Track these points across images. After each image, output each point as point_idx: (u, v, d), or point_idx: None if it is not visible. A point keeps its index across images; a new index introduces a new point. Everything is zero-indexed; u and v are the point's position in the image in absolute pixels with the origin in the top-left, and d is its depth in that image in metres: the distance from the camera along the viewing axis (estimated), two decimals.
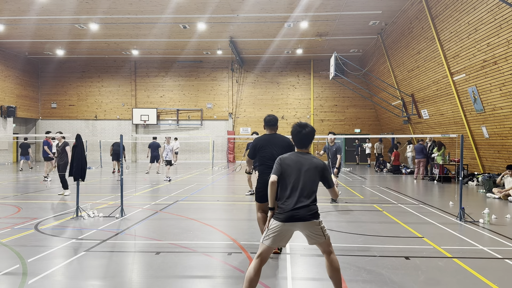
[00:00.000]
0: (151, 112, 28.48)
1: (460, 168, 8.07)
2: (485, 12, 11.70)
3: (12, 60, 26.42)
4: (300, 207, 3.59)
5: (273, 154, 5.23)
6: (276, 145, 5.36)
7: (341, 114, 28.79)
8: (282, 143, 5.37)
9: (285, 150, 5.11)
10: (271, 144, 5.39)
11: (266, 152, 5.38)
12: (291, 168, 3.73)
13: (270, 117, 5.53)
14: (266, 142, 5.43)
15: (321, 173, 3.76)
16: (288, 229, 3.64)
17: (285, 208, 3.63)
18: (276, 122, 5.54)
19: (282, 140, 5.42)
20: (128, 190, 12.04)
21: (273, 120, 5.53)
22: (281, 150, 5.15)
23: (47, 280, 4.44)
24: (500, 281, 4.45)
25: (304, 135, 3.87)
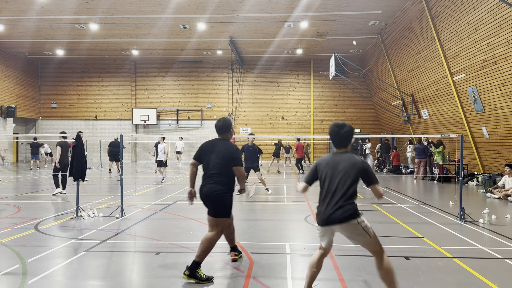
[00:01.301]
0: (151, 112, 28.48)
1: (460, 168, 8.07)
2: (485, 12, 11.70)
3: (12, 60, 26.42)
4: (335, 209, 3.55)
5: (208, 163, 4.67)
6: (216, 152, 4.68)
7: (341, 114, 28.79)
8: (224, 152, 4.65)
9: (225, 161, 4.60)
10: (212, 152, 4.72)
11: (206, 159, 4.73)
12: (326, 170, 3.71)
13: (220, 123, 4.87)
14: (209, 148, 4.78)
15: (361, 171, 3.64)
16: (327, 231, 3.69)
17: (321, 210, 3.67)
18: (226, 129, 4.86)
19: (225, 149, 4.68)
20: (128, 190, 12.04)
21: (222, 128, 4.85)
22: (220, 160, 4.61)
23: (47, 280, 4.44)
24: (500, 281, 4.45)
25: (343, 135, 3.78)
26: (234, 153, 4.71)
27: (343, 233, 3.63)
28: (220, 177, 4.60)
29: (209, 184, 4.60)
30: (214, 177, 4.60)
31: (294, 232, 6.97)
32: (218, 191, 4.55)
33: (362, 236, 3.58)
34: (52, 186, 12.99)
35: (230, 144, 4.83)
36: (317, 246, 5.86)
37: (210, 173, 4.64)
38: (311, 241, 6.25)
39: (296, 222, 7.71)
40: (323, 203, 3.66)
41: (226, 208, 4.65)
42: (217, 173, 4.60)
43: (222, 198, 4.58)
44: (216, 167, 4.62)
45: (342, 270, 4.78)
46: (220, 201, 4.58)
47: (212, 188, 4.56)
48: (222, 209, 4.61)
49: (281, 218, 8.15)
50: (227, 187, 4.61)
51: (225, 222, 4.69)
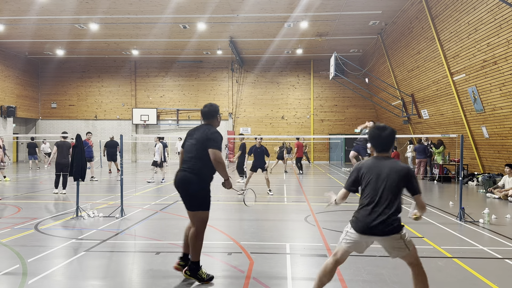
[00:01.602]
0: (151, 112, 28.48)
1: (460, 168, 8.07)
2: (485, 12, 11.69)
3: (12, 60, 26.43)
4: (380, 221, 3.27)
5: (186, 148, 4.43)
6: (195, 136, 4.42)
7: (341, 114, 28.79)
8: (201, 134, 4.35)
9: (200, 142, 4.29)
10: (191, 136, 4.48)
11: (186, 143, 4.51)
12: (369, 176, 3.43)
13: (205, 108, 4.58)
14: (191, 132, 4.56)
15: (405, 179, 3.34)
16: (364, 240, 3.43)
17: (361, 217, 3.41)
18: (212, 114, 4.55)
19: (201, 132, 4.38)
20: (128, 190, 12.04)
21: (207, 113, 4.55)
22: (195, 142, 4.33)
23: (47, 280, 4.44)
24: (500, 281, 4.45)
25: (384, 138, 3.50)
26: (212, 134, 4.29)
27: (382, 244, 3.42)
28: (195, 162, 4.27)
29: (182, 172, 4.31)
30: (189, 163, 4.30)
31: (294, 232, 6.98)
32: (192, 181, 4.23)
33: (402, 250, 3.35)
34: (52, 186, 12.97)
35: (211, 127, 4.44)
36: (317, 246, 5.87)
37: (186, 157, 4.37)
38: (311, 241, 6.25)
39: (296, 222, 7.71)
40: (365, 210, 3.40)
41: (201, 200, 4.30)
42: (192, 157, 4.29)
43: (195, 190, 4.25)
44: (192, 150, 4.33)
45: (342, 270, 4.78)
46: (192, 193, 4.26)
47: (185, 176, 4.27)
48: (196, 202, 4.29)
49: (281, 218, 8.15)
50: (202, 176, 4.27)
51: (203, 215, 4.33)
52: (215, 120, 4.58)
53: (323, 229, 6.98)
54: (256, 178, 13.44)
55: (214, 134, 4.31)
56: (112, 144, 17.83)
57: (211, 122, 4.54)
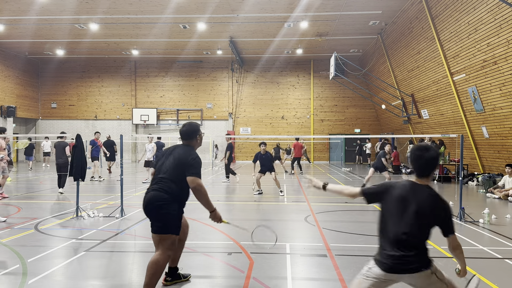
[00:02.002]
0: (151, 112, 28.48)
1: (460, 168, 8.07)
2: (485, 12, 11.70)
3: (12, 60, 26.43)
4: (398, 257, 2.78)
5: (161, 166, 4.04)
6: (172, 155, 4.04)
7: (341, 114, 28.79)
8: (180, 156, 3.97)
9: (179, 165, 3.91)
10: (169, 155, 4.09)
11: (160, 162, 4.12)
12: (398, 203, 2.90)
13: (184, 128, 4.20)
14: (167, 150, 4.18)
15: (440, 216, 2.84)
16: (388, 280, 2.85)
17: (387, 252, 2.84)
18: (191, 135, 4.16)
19: (182, 153, 3.99)
20: (128, 190, 12.04)
21: (185, 134, 4.17)
22: (171, 166, 3.93)
23: (47, 280, 4.44)
24: (500, 281, 4.45)
25: (426, 161, 2.89)
26: (193, 160, 3.91)
27: (412, 283, 2.90)
28: (169, 184, 3.86)
29: (153, 191, 3.89)
30: (162, 183, 3.89)
31: (294, 232, 6.98)
32: (162, 200, 3.81)
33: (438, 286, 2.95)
34: (51, 186, 13.01)
35: (192, 150, 4.06)
36: (317, 246, 5.88)
37: (158, 176, 3.96)
38: (311, 241, 6.25)
39: (296, 222, 7.71)
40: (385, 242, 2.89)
41: (171, 222, 3.85)
42: (167, 178, 3.89)
43: (165, 210, 3.80)
44: (168, 171, 3.92)
45: (342, 270, 4.78)
46: (162, 213, 3.81)
47: (155, 196, 3.85)
48: (165, 224, 3.82)
49: (281, 218, 8.15)
50: (174, 196, 3.87)
51: (170, 239, 3.86)
52: (195, 141, 4.18)
53: (323, 229, 6.98)
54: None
55: (196, 159, 3.94)
56: (109, 144, 17.76)
57: (190, 142, 4.16)
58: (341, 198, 10.90)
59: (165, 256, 3.83)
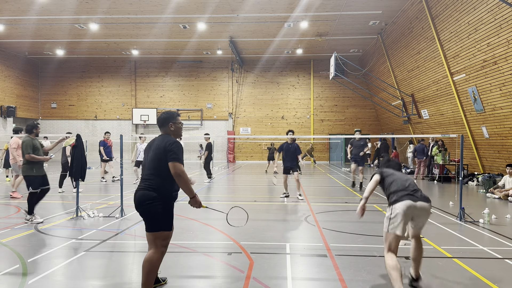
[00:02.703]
0: (151, 112, 28.49)
1: (460, 168, 8.07)
2: (485, 12, 11.70)
3: (12, 60, 26.43)
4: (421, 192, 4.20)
5: (144, 165, 4.01)
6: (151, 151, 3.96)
7: (341, 114, 28.79)
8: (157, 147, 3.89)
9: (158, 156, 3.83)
10: (149, 150, 4.02)
11: (143, 161, 4.08)
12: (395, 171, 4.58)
13: (159, 115, 4.19)
14: (148, 146, 4.09)
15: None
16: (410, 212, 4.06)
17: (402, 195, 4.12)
18: (162, 122, 4.11)
19: (157, 144, 3.91)
20: (128, 190, 12.04)
21: (158, 121, 4.15)
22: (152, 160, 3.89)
23: (47, 280, 4.44)
24: (500, 281, 4.45)
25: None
26: (170, 145, 3.81)
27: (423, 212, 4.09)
28: (153, 178, 3.83)
29: (141, 190, 3.85)
30: (148, 181, 3.85)
31: (294, 232, 6.97)
32: (150, 199, 3.77)
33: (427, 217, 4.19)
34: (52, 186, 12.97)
35: (168, 137, 3.97)
36: (317, 246, 5.88)
37: (144, 174, 3.93)
38: (311, 241, 6.25)
39: (296, 222, 7.71)
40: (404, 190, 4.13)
41: (162, 219, 3.81)
42: (151, 173, 3.86)
43: (155, 208, 3.77)
44: (150, 166, 3.89)
45: (342, 270, 4.78)
46: (152, 211, 3.78)
47: (143, 195, 3.80)
48: (156, 221, 3.80)
49: (281, 218, 8.15)
50: (161, 192, 3.81)
51: (162, 235, 3.84)
52: (168, 129, 4.07)
53: (323, 229, 6.98)
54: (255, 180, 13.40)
55: (172, 144, 3.83)
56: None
57: (165, 131, 4.09)
58: (341, 198, 10.90)
59: (158, 254, 3.84)
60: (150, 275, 3.82)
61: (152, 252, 3.83)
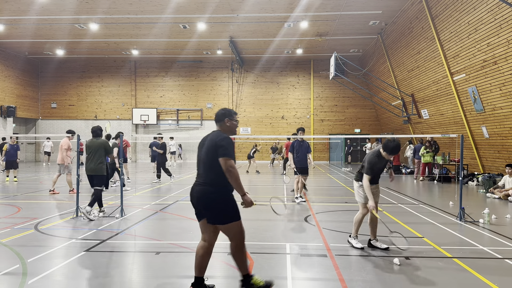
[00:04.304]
0: (151, 112, 28.49)
1: (460, 168, 8.07)
2: (485, 12, 11.70)
3: (12, 60, 26.43)
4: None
5: (198, 161, 4.07)
6: (204, 147, 4.01)
7: (341, 114, 28.80)
8: (209, 143, 3.94)
9: (210, 153, 3.88)
10: (202, 146, 4.07)
11: (197, 157, 4.13)
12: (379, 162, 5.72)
13: (217, 111, 4.23)
14: (201, 142, 4.15)
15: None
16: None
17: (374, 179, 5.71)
18: (219, 117, 4.15)
19: (209, 140, 3.97)
20: (128, 190, 12.04)
21: (216, 116, 4.19)
22: (205, 156, 3.93)
23: (47, 280, 4.44)
24: (500, 281, 4.45)
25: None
26: (221, 141, 3.86)
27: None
28: (208, 174, 3.89)
29: (198, 186, 3.93)
30: (203, 176, 3.93)
31: (294, 232, 6.97)
32: (210, 194, 3.85)
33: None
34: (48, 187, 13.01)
35: (219, 133, 4.01)
36: (317, 246, 5.89)
37: (199, 172, 4.01)
38: (311, 241, 6.25)
39: (296, 222, 7.71)
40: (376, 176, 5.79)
41: (226, 211, 3.88)
42: (204, 169, 3.92)
43: (216, 201, 3.85)
44: (204, 161, 3.94)
45: (342, 270, 4.78)
46: (215, 205, 3.85)
47: (202, 191, 3.88)
48: (222, 214, 3.87)
49: (281, 218, 8.15)
50: (219, 186, 3.87)
51: (237, 225, 3.92)
52: (223, 124, 4.12)
53: (323, 229, 6.99)
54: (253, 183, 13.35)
55: (223, 140, 3.87)
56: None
57: (220, 126, 4.14)
58: (341, 198, 10.90)
59: (240, 242, 3.95)
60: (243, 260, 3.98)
61: (235, 241, 3.94)
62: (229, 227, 3.88)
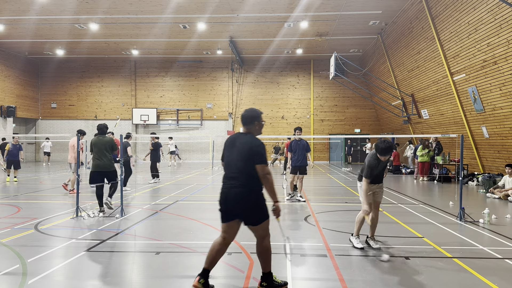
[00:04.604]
0: (151, 112, 28.48)
1: (460, 168, 8.07)
2: (485, 12, 11.70)
3: (12, 60, 26.42)
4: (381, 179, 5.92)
5: (229, 162, 4.09)
6: (236, 149, 4.05)
7: (341, 114, 28.79)
8: (244, 148, 3.98)
9: (246, 159, 3.95)
10: (232, 148, 4.10)
11: (227, 157, 4.16)
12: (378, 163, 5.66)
13: (245, 112, 4.22)
14: (230, 143, 4.16)
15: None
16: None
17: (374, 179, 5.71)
18: (249, 119, 4.16)
19: (243, 144, 4.00)
20: (128, 190, 12.04)
21: (245, 118, 4.18)
22: (238, 159, 3.99)
23: (47, 280, 4.44)
24: (500, 281, 4.45)
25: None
26: (257, 147, 3.94)
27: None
28: (241, 177, 3.97)
29: (235, 189, 3.97)
30: (237, 179, 3.98)
31: (294, 232, 6.97)
32: (248, 196, 3.95)
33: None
34: (52, 185, 13.03)
35: (253, 138, 4.06)
36: (317, 246, 5.89)
37: (232, 175, 4.03)
38: (311, 241, 6.25)
39: (296, 222, 7.71)
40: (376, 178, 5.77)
41: (261, 211, 4.06)
42: (237, 172, 3.98)
43: (251, 203, 3.97)
44: (237, 165, 4.00)
45: (342, 270, 4.78)
46: (250, 207, 3.97)
47: (242, 193, 3.95)
48: (256, 215, 4.03)
49: (281, 218, 8.14)
50: (254, 188, 3.99)
51: (264, 225, 4.07)
52: (253, 127, 4.15)
53: (323, 229, 6.99)
54: None
55: (261, 146, 3.97)
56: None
57: (249, 129, 4.16)
58: (341, 198, 10.90)
59: (268, 240, 4.12)
60: (269, 257, 4.13)
61: (265, 240, 4.08)
62: (261, 226, 4.06)
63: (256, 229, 4.07)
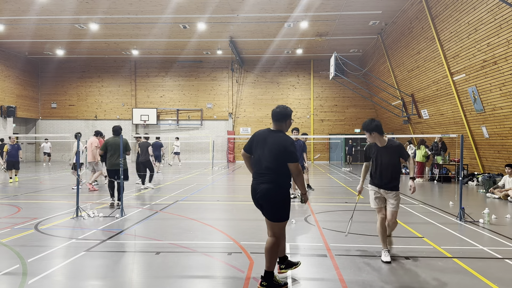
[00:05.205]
0: (151, 112, 28.49)
1: (460, 168, 8.07)
2: (485, 12, 11.70)
3: (12, 60, 26.43)
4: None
5: (260, 159, 4.20)
6: (268, 146, 4.15)
7: (341, 114, 28.80)
8: (276, 146, 4.09)
9: (278, 157, 4.09)
10: (263, 145, 4.20)
11: (257, 154, 4.26)
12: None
13: (277, 109, 4.29)
14: (260, 139, 4.25)
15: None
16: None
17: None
18: (282, 118, 4.24)
19: (278, 143, 4.11)
20: (128, 190, 12.04)
21: (277, 115, 4.25)
22: (270, 157, 4.10)
23: (47, 280, 4.44)
24: (500, 281, 4.45)
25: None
26: (290, 146, 4.06)
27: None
28: (271, 173, 4.10)
29: (264, 184, 4.10)
30: (268, 175, 4.10)
31: (294, 232, 6.97)
32: (277, 193, 4.10)
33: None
34: (52, 185, 13.03)
35: (285, 136, 4.17)
36: (317, 246, 5.90)
37: (262, 171, 4.16)
38: (311, 241, 6.25)
39: (296, 222, 7.71)
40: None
41: (284, 210, 4.18)
42: (268, 168, 4.10)
43: (277, 200, 4.12)
44: (268, 162, 4.11)
45: (342, 270, 4.78)
46: (276, 203, 4.12)
47: (270, 189, 4.09)
48: (278, 212, 4.15)
49: None
50: (284, 186, 4.15)
51: (281, 225, 4.21)
52: (284, 125, 4.28)
53: (323, 229, 6.99)
54: None
55: (292, 145, 4.10)
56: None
57: (280, 126, 4.26)
58: (341, 198, 10.90)
59: (280, 239, 4.24)
60: (275, 257, 4.17)
61: (270, 240, 4.17)
62: (278, 224, 4.17)
63: (273, 225, 4.18)
